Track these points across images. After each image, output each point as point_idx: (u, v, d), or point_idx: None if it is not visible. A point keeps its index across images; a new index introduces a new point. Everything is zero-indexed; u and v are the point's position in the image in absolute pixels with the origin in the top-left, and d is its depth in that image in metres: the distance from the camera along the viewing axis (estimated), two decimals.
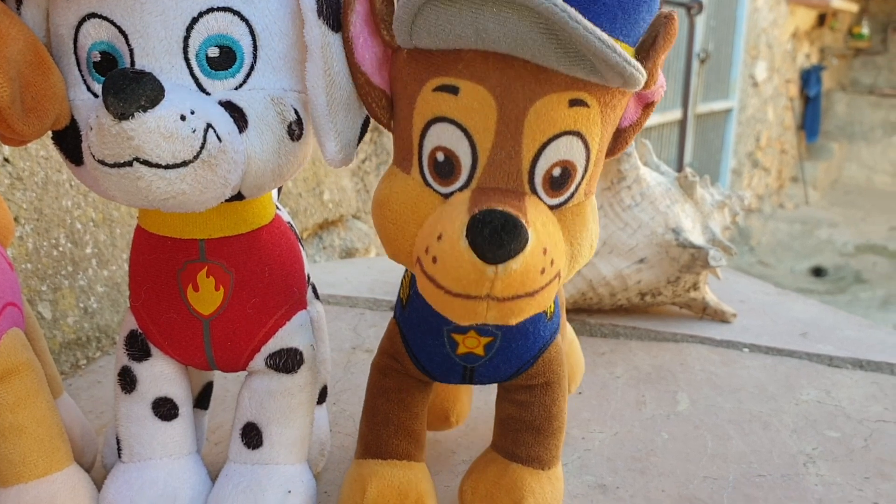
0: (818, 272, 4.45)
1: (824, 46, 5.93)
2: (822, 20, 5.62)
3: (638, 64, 0.41)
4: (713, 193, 1.10)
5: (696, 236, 1.03)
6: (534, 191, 0.44)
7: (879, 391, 0.89)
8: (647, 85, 0.45)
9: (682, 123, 3.94)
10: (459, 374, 0.56)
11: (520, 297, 0.41)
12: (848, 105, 6.10)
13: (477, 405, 0.80)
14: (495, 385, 0.60)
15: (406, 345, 0.57)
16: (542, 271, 0.41)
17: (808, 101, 5.65)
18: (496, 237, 0.39)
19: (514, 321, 0.44)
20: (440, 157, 0.45)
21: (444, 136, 0.44)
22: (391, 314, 0.60)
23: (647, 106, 0.49)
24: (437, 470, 0.69)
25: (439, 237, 0.42)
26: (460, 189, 0.45)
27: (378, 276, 1.26)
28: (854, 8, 5.77)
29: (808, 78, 5.56)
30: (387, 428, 0.58)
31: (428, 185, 0.46)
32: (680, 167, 3.81)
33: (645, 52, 0.45)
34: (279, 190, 0.59)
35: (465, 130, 0.44)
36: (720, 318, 1.09)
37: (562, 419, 0.58)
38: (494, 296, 0.41)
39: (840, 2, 5.24)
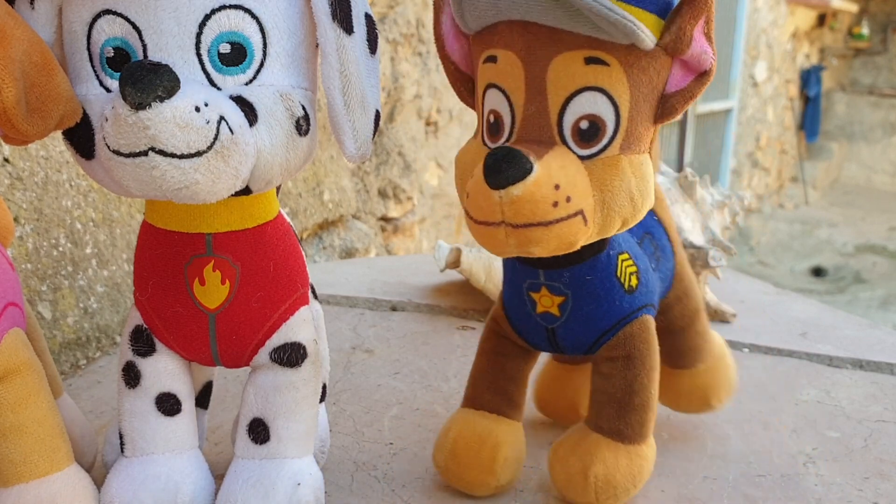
0: (818, 272, 4.45)
1: (824, 47, 5.93)
2: (821, 20, 5.62)
3: (631, 16, 0.46)
4: (713, 193, 1.10)
5: (696, 236, 1.03)
6: (564, 142, 0.50)
7: (879, 391, 0.89)
8: (677, 49, 0.49)
9: (682, 123, 3.94)
10: (544, 337, 0.61)
11: (532, 225, 0.47)
12: (848, 105, 6.10)
13: None
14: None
15: (505, 308, 0.64)
16: (555, 205, 0.47)
17: (807, 102, 5.66)
18: (496, 165, 0.46)
19: (536, 250, 0.49)
20: (491, 118, 0.53)
21: (493, 101, 0.52)
22: (391, 314, 0.62)
23: (701, 76, 0.51)
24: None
25: (473, 177, 0.50)
26: (504, 143, 0.52)
27: (378, 276, 1.26)
28: (854, 8, 5.77)
29: (808, 78, 5.56)
30: (482, 384, 0.64)
31: (485, 144, 0.54)
32: (680, 167, 3.81)
33: (672, 17, 0.49)
34: (278, 189, 0.60)
35: (504, 92, 0.51)
36: (720, 318, 1.09)
37: (645, 396, 0.60)
38: (508, 222, 0.47)
39: (840, 2, 5.25)
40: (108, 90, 0.48)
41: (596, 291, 0.58)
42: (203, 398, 0.68)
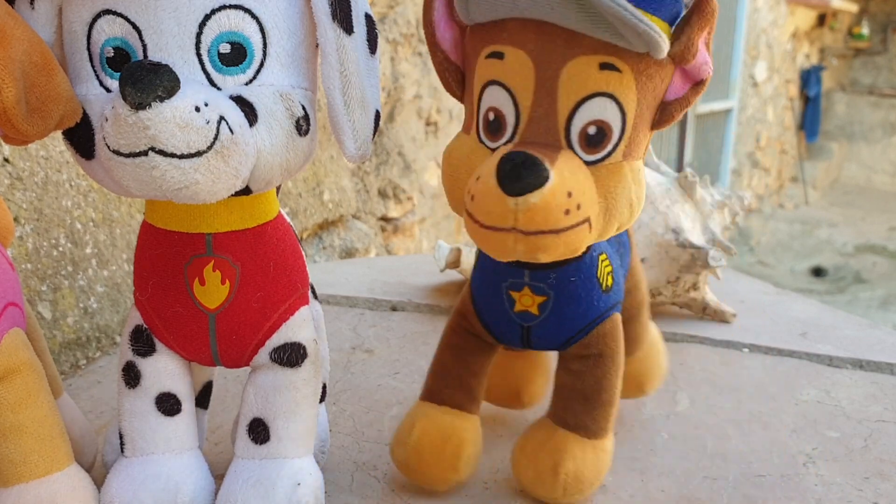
0: (818, 272, 4.45)
1: (824, 47, 5.93)
2: (821, 20, 5.62)
3: (656, 27, 0.45)
4: (713, 194, 1.10)
5: (696, 236, 1.03)
6: (570, 146, 0.49)
7: (879, 391, 0.89)
8: (684, 59, 0.49)
9: (682, 123, 3.95)
10: (518, 335, 0.61)
11: (544, 232, 0.47)
12: (848, 105, 6.10)
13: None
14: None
15: (474, 304, 0.63)
16: (567, 212, 0.47)
17: (807, 102, 5.66)
18: (515, 171, 0.45)
19: (543, 257, 0.48)
20: (491, 116, 0.51)
21: (494, 98, 0.51)
22: (391, 314, 0.62)
23: (696, 84, 0.52)
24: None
25: (477, 179, 0.48)
26: (505, 143, 0.51)
27: (378, 275, 1.26)
28: (854, 8, 5.77)
29: (808, 78, 5.56)
30: (446, 379, 0.65)
31: (481, 141, 0.52)
32: (680, 167, 3.81)
33: (680, 27, 0.48)
34: (278, 189, 0.60)
35: (509, 91, 0.50)
36: (720, 318, 1.09)
37: (612, 393, 0.61)
38: (520, 229, 0.47)
39: (840, 2, 5.24)
40: (108, 90, 0.48)
41: (578, 292, 0.58)
42: (203, 398, 0.68)
